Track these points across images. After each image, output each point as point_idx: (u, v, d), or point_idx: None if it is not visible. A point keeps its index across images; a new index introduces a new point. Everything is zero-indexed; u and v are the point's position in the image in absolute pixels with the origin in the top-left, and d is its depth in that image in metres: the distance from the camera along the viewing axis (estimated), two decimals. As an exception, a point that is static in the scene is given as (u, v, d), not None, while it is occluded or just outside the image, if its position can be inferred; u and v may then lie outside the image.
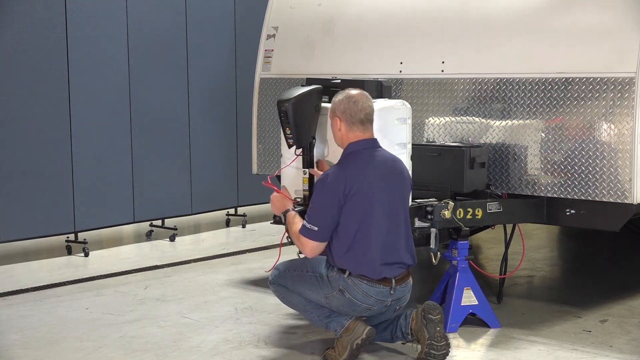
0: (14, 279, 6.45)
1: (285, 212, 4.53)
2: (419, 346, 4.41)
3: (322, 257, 4.45)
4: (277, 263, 4.65)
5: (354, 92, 4.40)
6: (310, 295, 4.44)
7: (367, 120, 4.38)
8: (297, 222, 4.41)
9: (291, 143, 4.63)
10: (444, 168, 5.07)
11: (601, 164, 4.85)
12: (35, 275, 6.57)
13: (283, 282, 4.54)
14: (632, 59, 4.74)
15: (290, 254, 4.94)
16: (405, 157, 4.66)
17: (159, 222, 8.11)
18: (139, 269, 6.73)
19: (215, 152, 8.37)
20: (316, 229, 4.28)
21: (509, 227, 5.41)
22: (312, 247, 4.33)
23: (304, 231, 4.33)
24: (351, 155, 4.36)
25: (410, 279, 4.49)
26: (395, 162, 4.45)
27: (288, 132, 4.61)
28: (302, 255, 5.02)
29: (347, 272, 4.30)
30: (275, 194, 4.66)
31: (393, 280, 4.35)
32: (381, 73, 5.68)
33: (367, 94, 4.44)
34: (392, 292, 4.35)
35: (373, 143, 4.41)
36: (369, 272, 4.30)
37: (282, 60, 6.33)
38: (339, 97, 4.41)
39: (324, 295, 4.37)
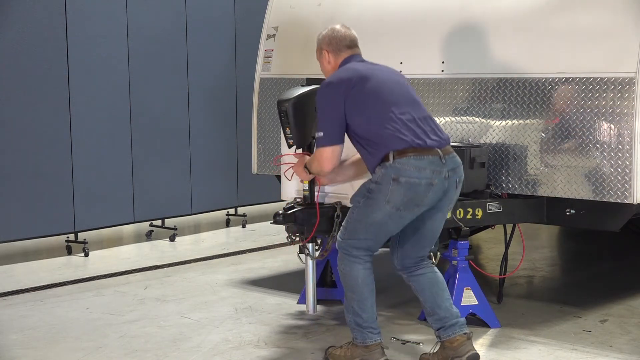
0: (14, 279, 6.45)
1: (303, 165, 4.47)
2: (436, 349, 4.34)
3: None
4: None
5: (335, 25, 4.46)
6: (377, 220, 4.13)
7: (353, 45, 4.41)
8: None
9: (291, 143, 4.63)
10: (444, 168, 5.06)
11: (601, 164, 4.85)
12: (35, 275, 6.57)
13: (351, 236, 4.22)
14: (632, 59, 4.74)
15: (290, 253, 4.93)
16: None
17: (159, 222, 8.11)
18: (139, 269, 6.73)
19: (215, 152, 8.37)
20: (321, 134, 4.17)
21: (509, 227, 5.41)
22: (327, 157, 4.17)
23: (316, 145, 4.23)
24: (345, 62, 4.37)
25: (457, 157, 4.26)
26: (389, 68, 4.44)
27: (288, 132, 4.61)
28: (301, 256, 5.03)
29: (391, 156, 4.07)
30: (293, 163, 4.59)
31: (439, 150, 4.14)
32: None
33: (347, 25, 4.48)
34: (443, 161, 4.12)
35: (358, 57, 4.41)
36: (412, 142, 4.07)
37: (282, 60, 6.32)
38: (322, 33, 4.46)
39: (385, 201, 4.07)
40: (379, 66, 4.38)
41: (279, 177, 5.41)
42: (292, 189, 5.00)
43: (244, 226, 8.64)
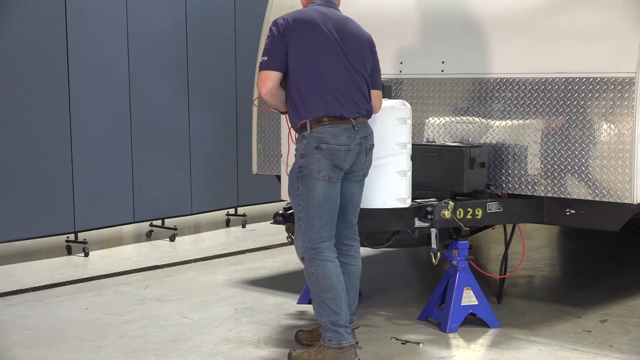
0: (14, 279, 6.45)
1: None
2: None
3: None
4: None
5: None
6: (320, 194, 4.25)
7: None
8: None
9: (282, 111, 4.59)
10: (444, 168, 5.07)
11: (601, 164, 4.85)
12: (35, 275, 6.57)
13: (310, 232, 4.30)
14: (632, 59, 4.74)
15: (290, 253, 4.94)
16: (405, 157, 4.66)
17: (159, 222, 8.12)
18: (139, 269, 6.73)
19: (215, 152, 8.37)
20: (265, 58, 4.27)
21: (509, 227, 5.41)
22: (263, 79, 4.27)
23: (260, 68, 4.33)
24: (302, 6, 4.48)
25: (370, 126, 4.46)
26: (351, 21, 4.48)
27: None
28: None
29: (308, 125, 4.26)
30: None
31: (352, 120, 4.32)
32: (381, 73, 5.67)
33: None
34: (355, 129, 4.31)
35: (331, 3, 4.48)
36: (328, 111, 4.26)
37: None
38: None
39: (317, 172, 4.23)
40: (336, 18, 4.41)
41: (279, 177, 5.41)
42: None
43: (244, 226, 8.65)
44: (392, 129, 4.63)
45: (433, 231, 4.85)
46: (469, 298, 4.99)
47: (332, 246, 4.34)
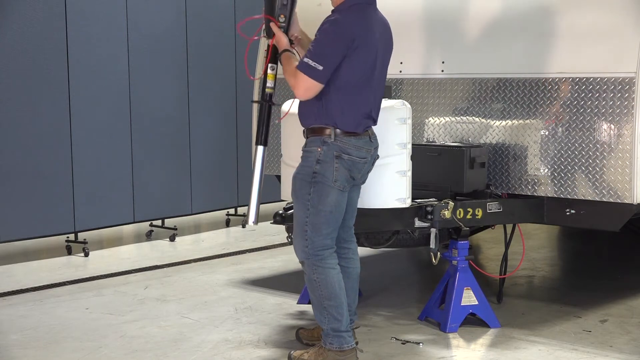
0: (14, 279, 6.45)
1: (282, 52, 4.31)
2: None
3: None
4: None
5: None
6: (332, 203, 4.19)
7: None
8: (292, 62, 4.23)
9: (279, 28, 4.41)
10: (444, 168, 5.07)
11: (601, 164, 4.85)
12: (35, 275, 6.57)
13: (315, 237, 4.22)
14: (632, 59, 4.74)
15: (290, 253, 4.93)
16: (405, 157, 4.66)
17: (159, 222, 8.12)
18: (139, 269, 6.73)
19: (215, 152, 8.37)
20: (321, 68, 4.08)
21: (509, 227, 5.41)
22: (309, 87, 4.12)
23: (304, 68, 4.10)
24: (355, 7, 4.24)
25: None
26: (388, 25, 4.41)
27: (282, 20, 4.43)
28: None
29: (333, 133, 4.16)
30: (276, 30, 4.36)
31: (368, 131, 4.32)
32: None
33: None
34: (372, 140, 4.31)
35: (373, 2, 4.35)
36: (357, 127, 4.22)
37: (282, 60, 6.31)
38: None
39: (333, 181, 4.16)
40: (380, 24, 4.30)
41: (279, 177, 5.41)
42: (289, 189, 4.99)
43: (244, 226, 8.65)
44: (392, 129, 4.64)
45: (433, 231, 4.85)
46: (469, 298, 4.99)
47: (334, 252, 4.32)
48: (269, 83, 4.39)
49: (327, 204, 4.20)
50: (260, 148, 4.42)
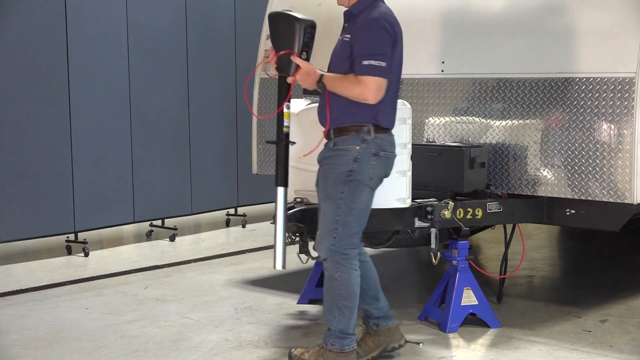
0: (14, 279, 6.45)
1: (321, 77, 4.17)
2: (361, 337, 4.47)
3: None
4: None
5: None
6: (364, 202, 4.16)
7: None
8: (343, 76, 4.11)
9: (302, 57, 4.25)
10: (444, 168, 5.07)
11: (601, 164, 4.85)
12: (35, 275, 6.57)
13: (344, 234, 4.17)
14: (632, 59, 4.74)
15: (290, 253, 4.92)
16: (405, 157, 4.66)
17: (159, 222, 8.12)
18: (139, 269, 6.73)
19: (215, 152, 8.37)
20: (384, 64, 4.03)
21: (509, 227, 5.41)
22: (380, 86, 4.05)
23: (369, 70, 4.02)
24: (376, 3, 4.24)
25: None
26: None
27: (304, 57, 4.25)
28: (302, 256, 5.02)
29: (372, 130, 4.12)
30: (302, 64, 4.17)
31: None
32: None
33: None
34: (394, 136, 4.33)
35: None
36: (391, 123, 4.25)
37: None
38: None
39: (369, 178, 4.14)
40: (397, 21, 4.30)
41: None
42: (291, 188, 4.99)
43: (244, 226, 8.65)
44: (392, 129, 4.63)
45: (433, 231, 4.85)
46: (469, 298, 4.99)
47: (357, 254, 4.29)
48: (286, 122, 4.29)
49: (360, 202, 4.18)
50: (281, 190, 4.30)
